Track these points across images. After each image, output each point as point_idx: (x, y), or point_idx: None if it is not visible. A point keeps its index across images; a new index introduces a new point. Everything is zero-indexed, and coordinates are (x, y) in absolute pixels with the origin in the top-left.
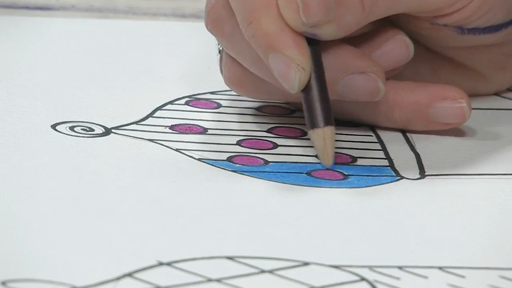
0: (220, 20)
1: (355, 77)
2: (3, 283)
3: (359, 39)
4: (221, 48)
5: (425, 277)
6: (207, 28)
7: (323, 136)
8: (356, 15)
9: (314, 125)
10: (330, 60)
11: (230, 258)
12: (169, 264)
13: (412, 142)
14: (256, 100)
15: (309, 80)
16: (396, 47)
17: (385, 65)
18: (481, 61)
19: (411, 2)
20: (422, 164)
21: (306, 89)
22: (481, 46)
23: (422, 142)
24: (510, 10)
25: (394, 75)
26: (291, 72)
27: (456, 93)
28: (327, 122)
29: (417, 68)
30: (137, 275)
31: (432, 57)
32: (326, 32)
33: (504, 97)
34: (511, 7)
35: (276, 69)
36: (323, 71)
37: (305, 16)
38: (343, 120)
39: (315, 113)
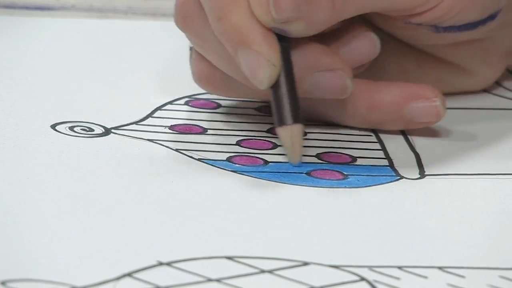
0: (189, 17)
1: (324, 74)
2: (3, 283)
3: (326, 36)
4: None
5: (425, 277)
6: (176, 25)
7: (291, 134)
8: (327, 14)
9: (282, 122)
10: (298, 57)
11: (230, 258)
12: (168, 264)
13: (411, 142)
14: (228, 97)
15: (278, 77)
16: (363, 44)
17: (352, 62)
18: (464, 56)
19: (381, 1)
20: (422, 164)
21: (275, 86)
22: (461, 42)
23: (422, 142)
24: (485, 8)
25: (368, 72)
26: (260, 67)
27: (430, 92)
28: (296, 120)
29: (402, 64)
30: (137, 275)
31: (417, 52)
32: (296, 29)
33: (504, 97)
34: (486, 5)
35: (245, 65)
36: (292, 68)
37: (276, 12)
38: (318, 121)
39: (284, 110)
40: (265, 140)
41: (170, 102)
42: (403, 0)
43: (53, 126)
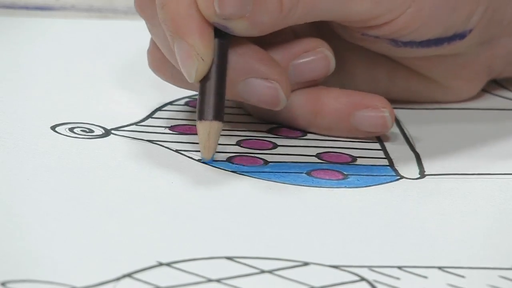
0: (145, 3)
1: (256, 81)
2: (3, 283)
3: (279, 45)
4: None
5: (425, 277)
6: (136, 9)
7: (209, 130)
8: (273, 16)
9: (202, 117)
10: (236, 58)
11: (230, 258)
12: (168, 264)
13: (412, 142)
14: (179, 87)
15: (209, 72)
16: (315, 60)
17: (302, 76)
18: (436, 70)
19: (332, 10)
20: (422, 164)
21: (204, 80)
22: (434, 57)
23: (422, 142)
24: (448, 26)
25: (338, 70)
26: (190, 60)
27: (379, 102)
28: (217, 117)
29: (372, 71)
30: (137, 275)
31: (388, 61)
32: (238, 27)
33: (504, 97)
34: (449, 23)
35: (178, 56)
36: (226, 66)
37: (219, 7)
38: (267, 122)
39: (207, 106)
40: (265, 140)
41: (170, 103)
42: (354, 12)
43: (53, 128)
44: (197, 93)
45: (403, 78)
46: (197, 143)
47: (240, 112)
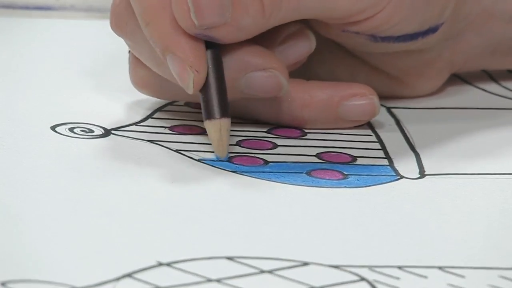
0: (122, 20)
1: (256, 74)
2: (3, 283)
3: (260, 35)
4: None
5: (425, 277)
6: (111, 28)
7: (219, 128)
8: (256, 19)
9: (210, 116)
10: (230, 59)
11: (230, 258)
12: (168, 264)
13: (412, 142)
14: (167, 100)
15: (207, 80)
16: (299, 42)
17: (288, 59)
18: (400, 68)
19: (316, 8)
20: (422, 164)
21: (204, 89)
22: (400, 53)
23: (422, 142)
24: (424, 21)
25: (301, 70)
26: (185, 73)
27: (366, 90)
28: (224, 114)
29: (335, 72)
30: (137, 275)
31: (351, 61)
32: (223, 35)
33: (504, 97)
34: (426, 18)
35: (173, 70)
36: (222, 71)
37: (197, 19)
38: (250, 121)
39: (212, 105)
40: (265, 140)
41: (170, 103)
42: (339, 9)
43: (53, 128)
44: (189, 101)
45: (365, 75)
46: (196, 143)
47: None
